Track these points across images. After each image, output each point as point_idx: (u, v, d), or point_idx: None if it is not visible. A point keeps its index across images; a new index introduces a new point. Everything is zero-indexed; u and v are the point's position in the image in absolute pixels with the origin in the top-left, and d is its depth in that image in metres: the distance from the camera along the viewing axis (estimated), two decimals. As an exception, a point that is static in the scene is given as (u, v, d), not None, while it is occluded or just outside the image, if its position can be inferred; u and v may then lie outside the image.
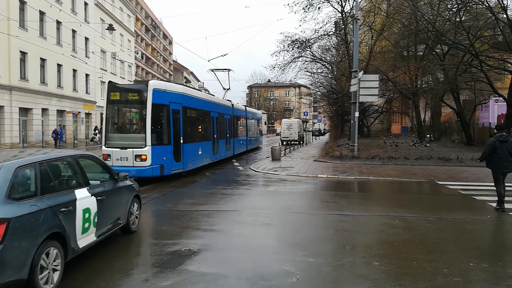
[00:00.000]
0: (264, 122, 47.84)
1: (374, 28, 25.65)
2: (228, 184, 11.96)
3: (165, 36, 71.24)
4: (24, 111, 26.91)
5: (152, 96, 11.16)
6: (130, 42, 48.70)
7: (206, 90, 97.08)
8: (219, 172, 14.77)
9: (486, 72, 18.51)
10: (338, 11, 26.42)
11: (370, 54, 26.54)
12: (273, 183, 11.67)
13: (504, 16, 16.85)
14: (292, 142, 31.46)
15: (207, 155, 15.16)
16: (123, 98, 11.68)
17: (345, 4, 26.19)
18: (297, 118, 44.05)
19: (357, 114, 17.39)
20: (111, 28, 28.09)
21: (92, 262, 4.97)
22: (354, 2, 21.79)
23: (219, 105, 17.72)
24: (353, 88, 17.28)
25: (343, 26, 26.93)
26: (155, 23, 64.32)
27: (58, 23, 30.05)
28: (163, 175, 11.35)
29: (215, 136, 16.29)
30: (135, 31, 51.11)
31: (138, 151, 10.87)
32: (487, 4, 16.70)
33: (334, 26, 27.87)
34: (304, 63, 29.21)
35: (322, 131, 64.28)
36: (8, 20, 23.85)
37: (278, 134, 45.93)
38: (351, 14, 22.91)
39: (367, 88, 16.92)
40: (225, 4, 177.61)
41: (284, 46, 26.64)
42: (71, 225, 4.33)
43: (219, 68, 20.83)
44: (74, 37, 32.90)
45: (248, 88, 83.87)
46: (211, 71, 20.73)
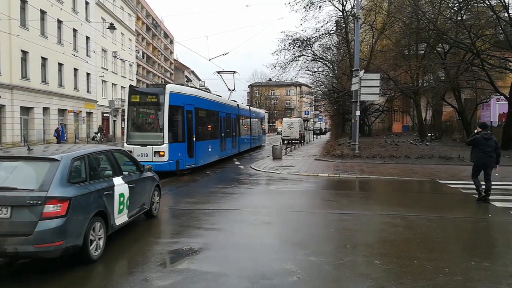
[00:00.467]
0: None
1: (375, 27, 25.61)
2: (229, 183, 11.96)
3: (166, 35, 71.20)
4: (25, 110, 26.96)
5: (169, 98, 12.29)
6: (131, 41, 48.71)
7: (207, 89, 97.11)
8: (220, 171, 14.77)
9: (487, 71, 18.46)
10: (339, 9, 26.41)
11: (371, 53, 26.50)
12: (274, 182, 11.68)
13: (506, 14, 16.82)
14: (293, 141, 31.44)
15: (216, 152, 16.20)
16: (143, 100, 12.89)
17: (346, 3, 26.18)
18: (298, 117, 44.00)
19: (358, 113, 17.37)
20: (112, 27, 28.13)
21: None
22: (355, 1, 21.74)
23: (226, 105, 18.66)
24: (354, 87, 17.25)
25: (344, 25, 26.89)
26: (156, 22, 64.30)
27: (59, 22, 30.07)
28: (178, 169, 12.47)
29: (222, 134, 17.28)
30: (136, 30, 51.11)
31: (156, 148, 12.04)
32: (488, 3, 16.66)
33: (335, 25, 27.83)
34: (305, 62, 29.22)
35: (323, 130, 64.23)
36: (9, 19, 23.87)
37: (279, 133, 45.92)
38: (352, 13, 22.88)
39: (368, 87, 16.89)
40: (226, 3, 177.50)
41: (285, 45, 26.65)
42: (111, 206, 5.27)
43: (225, 71, 21.63)
44: (75, 36, 32.91)
45: (249, 87, 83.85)
46: (217, 73, 21.42)
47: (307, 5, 24.26)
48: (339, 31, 28.15)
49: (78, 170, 4.88)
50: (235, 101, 22.08)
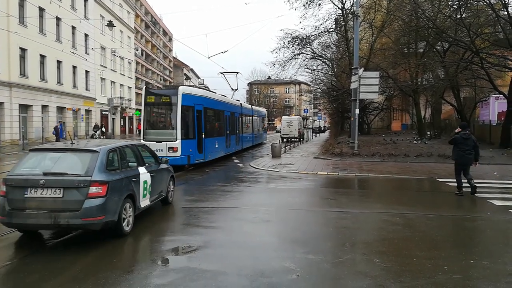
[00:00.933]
0: None
1: (374, 25, 25.53)
2: (228, 181, 11.96)
3: (165, 32, 70.99)
4: (24, 108, 26.90)
5: (182, 99, 13.39)
6: (130, 39, 48.58)
7: (206, 86, 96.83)
8: (219, 169, 14.76)
9: (486, 69, 18.45)
10: (339, 7, 26.33)
11: (371, 51, 26.44)
12: (273, 180, 11.67)
13: (505, 13, 16.80)
14: (292, 139, 31.43)
15: (222, 149, 17.29)
16: (157, 100, 13.96)
17: (345, 1, 26.09)
18: (297, 115, 43.95)
19: (357, 111, 17.37)
20: (110, 24, 28.01)
21: (92, 259, 4.99)
22: (354, -1, 21.67)
23: (230, 105, 19.73)
24: (353, 85, 17.23)
25: (343, 23, 26.82)
26: (155, 20, 64.09)
27: (58, 19, 29.97)
28: (189, 163, 13.65)
29: (227, 132, 18.38)
30: (134, 27, 50.96)
31: (170, 144, 13.12)
32: (488, 1, 16.63)
33: (335, 23, 27.75)
34: (304, 60, 29.15)
35: (322, 128, 64.25)
36: (8, 17, 23.77)
37: (278, 131, 45.91)
38: (352, 11, 22.85)
39: (368, 85, 16.88)
40: (225, 0, 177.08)
41: (284, 43, 26.57)
42: (137, 190, 6.27)
43: (228, 71, 22.59)
44: (73, 33, 32.82)
45: (248, 85, 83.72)
46: (221, 73, 22.29)
47: (307, 2, 24.19)
48: (338, 29, 28.08)
49: (112, 160, 5.85)
50: (238, 100, 22.87)
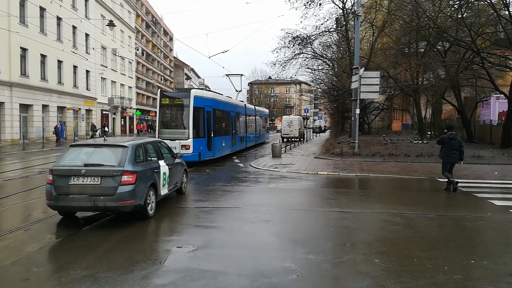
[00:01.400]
0: None
1: (375, 24, 25.51)
2: (229, 181, 11.95)
3: (165, 32, 70.98)
4: (24, 108, 26.90)
5: (193, 101, 14.51)
6: (131, 39, 48.58)
7: (207, 86, 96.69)
8: (219, 169, 14.76)
9: (487, 69, 18.43)
10: (339, 7, 26.32)
11: (371, 51, 26.42)
12: (273, 180, 11.66)
13: (506, 12, 16.76)
14: (293, 139, 31.42)
15: (228, 147, 18.40)
16: (171, 102, 15.21)
17: (346, 1, 26.09)
18: (297, 115, 43.95)
19: (358, 111, 17.35)
20: (111, 24, 28.03)
21: (91, 260, 4.98)
22: (355, -1, 21.65)
23: (236, 106, 20.97)
24: (354, 85, 17.22)
25: (344, 23, 26.81)
26: (156, 20, 64.07)
27: (59, 19, 29.97)
28: (200, 160, 14.66)
29: (233, 131, 19.55)
30: (135, 27, 50.95)
31: (183, 142, 14.21)
32: (489, 1, 16.61)
33: (335, 22, 27.74)
34: (305, 60, 29.15)
35: (323, 128, 64.16)
36: (9, 16, 23.78)
37: (278, 131, 45.87)
38: (352, 10, 22.84)
39: (368, 85, 16.86)
40: (225, 0, 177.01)
41: (285, 43, 26.57)
42: (159, 180, 7.31)
43: (233, 74, 23.78)
44: (74, 33, 32.82)
45: (248, 85, 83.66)
46: (226, 76, 23.27)
47: (307, 2, 24.19)
48: (339, 28, 28.07)
49: (139, 154, 6.87)
50: (242, 101, 24.09)
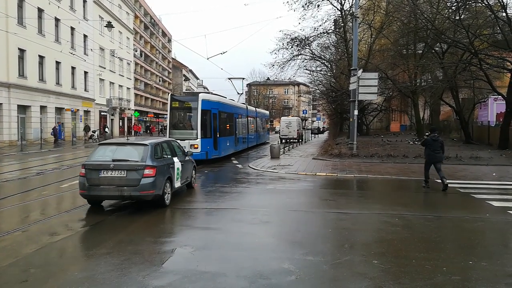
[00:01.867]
0: None
1: (373, 26, 25.60)
2: (227, 182, 11.94)
3: (164, 33, 70.97)
4: (22, 109, 26.82)
5: (201, 104, 15.63)
6: (129, 40, 48.55)
7: (205, 88, 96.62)
8: (218, 170, 14.74)
9: (485, 70, 18.48)
10: (338, 9, 26.35)
11: (370, 52, 26.49)
12: (272, 181, 11.64)
13: (504, 14, 16.83)
14: (291, 140, 31.43)
15: (232, 146, 19.52)
16: (181, 106, 16.32)
17: (344, 2, 26.12)
18: (296, 116, 43.94)
19: (356, 112, 17.35)
20: (109, 25, 27.97)
21: (88, 262, 4.96)
22: (353, 0, 21.72)
23: (239, 108, 22.24)
24: (352, 86, 17.23)
25: (342, 24, 26.85)
26: (154, 21, 64.06)
27: (57, 20, 29.91)
28: (207, 158, 15.70)
29: (236, 132, 20.69)
30: (134, 28, 50.92)
31: (192, 142, 15.23)
32: (486, 2, 16.67)
33: (334, 24, 27.79)
34: (303, 61, 29.16)
35: (321, 129, 64.16)
36: (7, 17, 23.73)
37: (277, 132, 45.88)
38: (351, 12, 22.87)
39: (366, 86, 16.88)
40: (224, 1, 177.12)
41: (283, 44, 26.58)
42: (173, 174, 8.37)
43: (235, 77, 25.39)
44: (72, 34, 32.78)
45: (247, 86, 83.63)
46: (228, 79, 24.89)
47: (306, 4, 24.21)
48: (337, 30, 28.11)
49: (157, 151, 7.87)
50: (244, 103, 25.55)
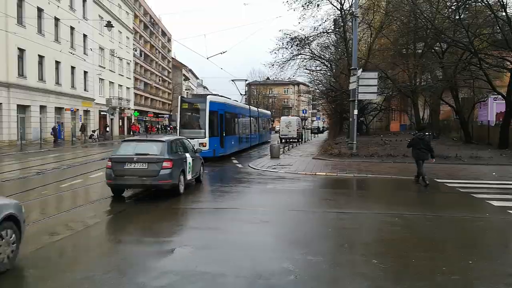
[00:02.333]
0: None
1: (373, 25, 25.51)
2: (227, 181, 11.95)
3: (163, 33, 70.87)
4: (22, 108, 26.77)
5: (209, 105, 16.70)
6: (129, 39, 48.49)
7: (205, 87, 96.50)
8: (218, 169, 14.73)
9: (485, 70, 18.46)
10: (337, 8, 26.27)
11: (369, 52, 26.40)
12: (271, 181, 11.63)
13: (503, 14, 16.82)
14: (291, 140, 31.41)
15: (236, 145, 20.58)
16: (190, 107, 17.52)
17: (344, 2, 25.99)
18: (296, 116, 43.90)
19: (356, 112, 17.33)
20: (109, 25, 27.96)
21: (88, 262, 4.94)
22: (353, 0, 21.69)
23: (242, 108, 23.49)
24: (352, 86, 17.22)
25: (342, 24, 26.79)
26: (154, 20, 63.97)
27: (56, 19, 29.86)
28: (214, 156, 16.55)
29: (240, 131, 21.79)
30: (133, 28, 50.84)
31: (201, 140, 15.97)
32: (486, 2, 16.66)
33: (333, 23, 27.72)
34: (303, 61, 29.06)
35: (321, 129, 64.09)
36: (6, 17, 23.68)
37: (276, 132, 45.84)
38: (350, 11, 22.81)
39: (366, 86, 16.86)
40: (224, 1, 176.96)
41: (283, 44, 26.51)
42: (186, 167, 9.35)
43: (239, 79, 26.87)
44: (72, 34, 32.72)
45: (246, 86, 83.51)
46: (232, 81, 26.37)
47: (305, 3, 24.09)
48: (337, 29, 28.04)
49: (173, 147, 8.94)
50: (247, 104, 27.20)
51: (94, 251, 5.40)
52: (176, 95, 73.05)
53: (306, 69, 31.24)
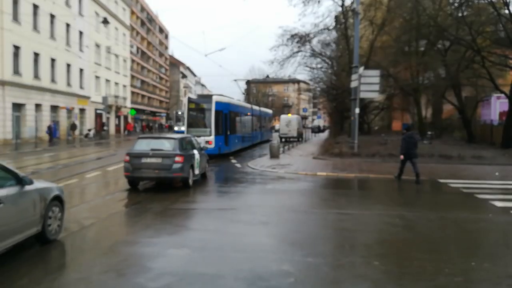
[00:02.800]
0: None
1: (375, 22, 25.34)
2: (225, 181, 11.87)
3: (161, 30, 70.48)
4: (17, 107, 26.44)
5: (215, 105, 17.63)
6: (125, 36, 48.15)
7: (203, 85, 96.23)
8: (216, 169, 14.57)
9: (488, 68, 18.33)
10: (339, 4, 26.14)
11: (371, 49, 26.22)
12: (271, 181, 11.50)
13: (507, 11, 16.67)
14: (291, 139, 31.26)
15: (239, 143, 21.53)
16: (196, 107, 18.31)
17: (345, -2, 25.87)
18: (296, 115, 43.72)
19: (357, 111, 17.16)
20: (105, 21, 27.71)
21: (85, 262, 4.84)
22: (354, -4, 21.48)
23: (245, 107, 24.37)
24: (353, 84, 17.04)
25: (343, 20, 26.65)
26: (151, 17, 63.58)
27: (52, 16, 29.62)
28: (220, 153, 17.47)
29: (243, 130, 22.78)
30: (130, 24, 50.43)
31: (207, 138, 16.77)
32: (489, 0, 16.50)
33: (335, 20, 27.56)
34: (303, 58, 28.99)
35: (322, 128, 63.91)
36: (1, 13, 23.49)
37: (276, 131, 45.69)
38: (352, 8, 22.69)
39: (368, 84, 16.68)
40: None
41: (283, 41, 26.43)
42: (194, 163, 10.14)
43: (240, 79, 28.68)
44: (68, 31, 32.43)
45: (246, 84, 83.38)
46: (235, 81, 28.52)
47: (305, -1, 23.96)
48: (338, 26, 27.89)
49: (183, 144, 9.84)
50: (250, 103, 27.37)
51: (90, 252, 5.28)
52: (174, 93, 72.95)
53: (307, 66, 31.16)
